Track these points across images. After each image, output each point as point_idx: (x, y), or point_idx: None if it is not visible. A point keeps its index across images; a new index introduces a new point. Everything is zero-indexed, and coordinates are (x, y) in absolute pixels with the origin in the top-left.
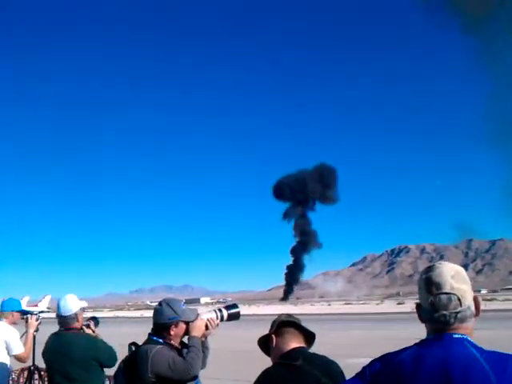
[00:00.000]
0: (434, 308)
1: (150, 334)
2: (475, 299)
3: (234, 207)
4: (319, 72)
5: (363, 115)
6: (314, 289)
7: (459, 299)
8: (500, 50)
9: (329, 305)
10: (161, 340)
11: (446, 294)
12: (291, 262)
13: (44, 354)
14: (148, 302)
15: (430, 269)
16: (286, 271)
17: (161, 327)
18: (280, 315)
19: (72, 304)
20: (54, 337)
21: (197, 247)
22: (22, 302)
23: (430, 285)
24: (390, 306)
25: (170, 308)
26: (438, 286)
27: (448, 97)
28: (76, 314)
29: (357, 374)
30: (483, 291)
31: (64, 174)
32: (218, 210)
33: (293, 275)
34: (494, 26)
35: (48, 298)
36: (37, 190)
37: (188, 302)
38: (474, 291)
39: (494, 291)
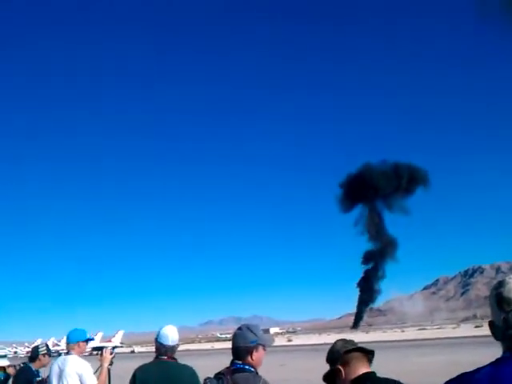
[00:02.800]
0: (507, 325)
1: (236, 363)
2: None
3: (298, 233)
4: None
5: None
6: (386, 315)
7: None
8: None
9: (402, 331)
10: (252, 370)
11: None
12: (369, 268)
13: (146, 381)
14: (218, 334)
15: (500, 284)
16: (362, 276)
17: (242, 351)
18: (335, 342)
19: (175, 334)
20: (159, 363)
21: (264, 277)
22: (95, 337)
23: (501, 301)
24: (467, 330)
25: (250, 331)
26: (510, 301)
27: None
28: (178, 344)
29: None
30: None
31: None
32: (282, 237)
33: (369, 283)
34: None
35: (121, 333)
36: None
37: None
38: None
39: None
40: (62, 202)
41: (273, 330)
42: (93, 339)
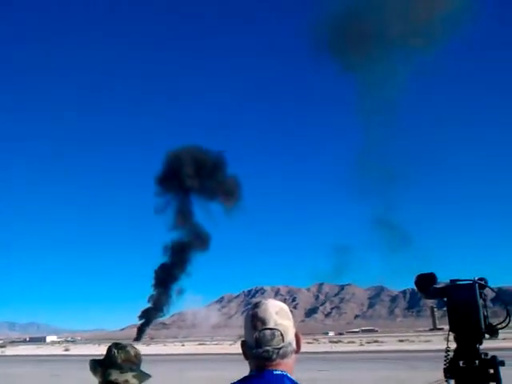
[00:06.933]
0: (258, 343)
1: None
2: (296, 335)
3: (83, 241)
4: None
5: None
6: (169, 329)
7: (282, 335)
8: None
9: (182, 345)
10: None
11: (270, 329)
12: (165, 262)
13: None
14: None
15: (256, 305)
16: (160, 266)
17: None
18: (110, 349)
19: None
20: None
21: (45, 283)
22: None
23: (255, 320)
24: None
25: None
26: (263, 321)
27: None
28: None
29: None
30: (331, 333)
31: None
32: (65, 246)
33: (167, 278)
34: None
35: None
36: None
37: (33, 340)
38: (323, 333)
39: (341, 334)
40: None
41: (50, 338)
42: None
